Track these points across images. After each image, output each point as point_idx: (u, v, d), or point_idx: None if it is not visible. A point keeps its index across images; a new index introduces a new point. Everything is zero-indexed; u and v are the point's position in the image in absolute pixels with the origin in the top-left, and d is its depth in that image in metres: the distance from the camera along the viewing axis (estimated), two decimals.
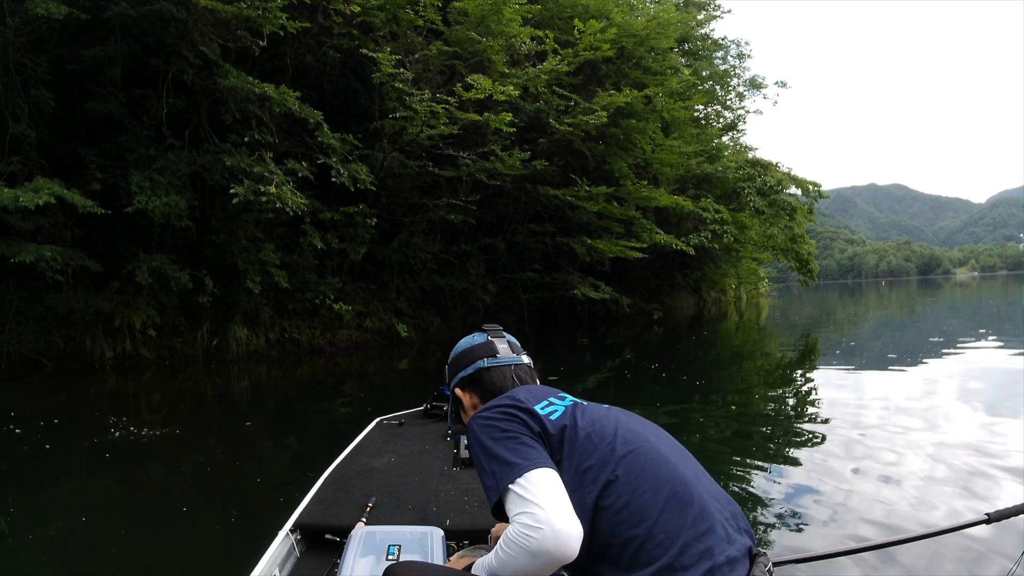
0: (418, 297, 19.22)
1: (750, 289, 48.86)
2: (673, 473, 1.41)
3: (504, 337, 1.82)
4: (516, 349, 1.81)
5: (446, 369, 1.87)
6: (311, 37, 15.38)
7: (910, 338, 16.60)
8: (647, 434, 1.52)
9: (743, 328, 23.71)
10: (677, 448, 1.54)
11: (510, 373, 1.74)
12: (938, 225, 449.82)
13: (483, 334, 1.83)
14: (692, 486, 1.40)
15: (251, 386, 12.06)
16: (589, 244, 20.21)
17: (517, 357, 1.78)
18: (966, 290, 53.84)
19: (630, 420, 1.56)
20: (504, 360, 1.76)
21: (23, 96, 12.75)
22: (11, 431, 7.61)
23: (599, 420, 1.52)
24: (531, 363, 1.81)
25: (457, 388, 1.80)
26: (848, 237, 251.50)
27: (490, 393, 1.71)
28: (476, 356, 1.77)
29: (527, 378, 1.76)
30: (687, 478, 1.41)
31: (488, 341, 1.80)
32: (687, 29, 27.67)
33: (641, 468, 1.40)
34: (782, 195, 27.88)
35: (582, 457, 1.44)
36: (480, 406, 1.67)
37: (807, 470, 5.14)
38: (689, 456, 1.55)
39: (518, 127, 17.81)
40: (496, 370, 1.74)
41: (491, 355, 1.76)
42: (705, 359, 14.10)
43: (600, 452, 1.43)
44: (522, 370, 1.77)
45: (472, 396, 1.76)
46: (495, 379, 1.73)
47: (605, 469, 1.40)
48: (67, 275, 12.93)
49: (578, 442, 1.46)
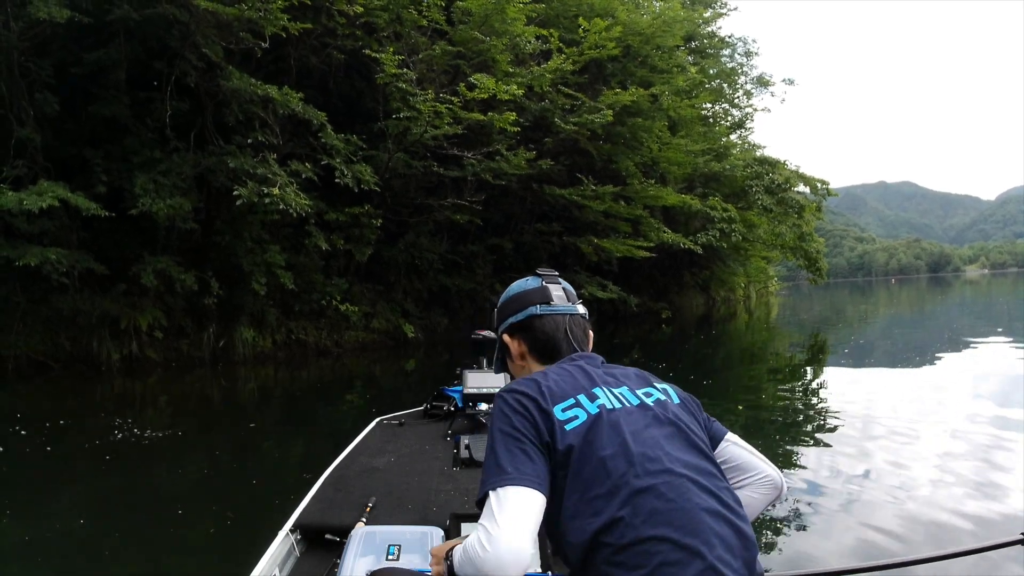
0: (425, 298, 19.19)
1: (759, 288, 48.75)
2: (688, 517, 1.27)
3: (560, 283, 1.68)
4: (572, 297, 1.67)
5: (494, 313, 1.74)
6: (315, 38, 15.36)
7: (921, 337, 16.48)
8: (674, 462, 1.34)
9: (752, 327, 23.63)
10: (705, 475, 1.36)
11: (563, 323, 1.62)
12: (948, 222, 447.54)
13: (537, 278, 1.69)
14: (704, 536, 1.25)
15: (257, 388, 12.07)
16: (596, 244, 20.13)
17: (572, 306, 1.65)
18: (976, 288, 53.60)
19: (666, 440, 1.39)
20: (558, 308, 1.63)
21: (27, 99, 12.78)
22: (16, 432, 7.62)
23: (622, 441, 1.35)
24: (586, 313, 1.69)
25: (505, 334, 1.67)
26: (858, 235, 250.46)
27: (540, 343, 1.60)
28: (528, 301, 1.64)
29: (579, 332, 1.63)
30: (699, 525, 1.26)
31: (542, 286, 1.66)
32: (693, 27, 27.55)
33: (651, 511, 1.26)
34: (790, 193, 27.77)
35: (590, 483, 1.32)
36: (527, 355, 1.62)
37: (816, 475, 5.07)
38: (718, 487, 1.35)
39: (523, 127, 17.75)
40: (549, 318, 1.61)
41: (545, 302, 1.63)
42: (714, 358, 14.02)
43: (612, 482, 1.30)
44: (575, 321, 1.63)
45: (521, 344, 1.64)
46: (547, 328, 1.61)
47: (611, 504, 1.28)
48: (73, 277, 12.95)
49: (589, 466, 1.33)
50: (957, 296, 39.70)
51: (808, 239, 30.68)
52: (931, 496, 4.42)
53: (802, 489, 4.76)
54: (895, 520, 4.04)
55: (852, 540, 3.82)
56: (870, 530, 3.92)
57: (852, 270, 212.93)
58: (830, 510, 4.29)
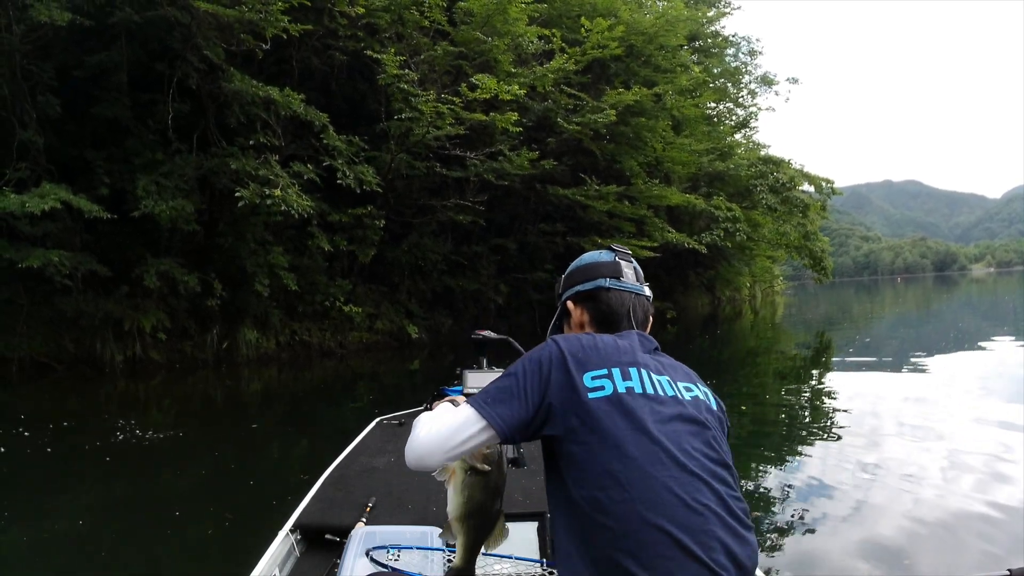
0: (429, 298, 19.16)
1: (765, 287, 48.62)
2: (692, 516, 1.27)
3: (632, 262, 1.69)
4: (640, 278, 1.68)
5: (560, 279, 1.75)
6: (317, 40, 15.36)
7: (926, 336, 16.41)
8: (690, 459, 1.34)
9: (758, 326, 23.58)
10: (718, 479, 1.35)
11: (629, 300, 1.62)
12: (953, 221, 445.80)
13: (611, 252, 1.69)
14: (705, 537, 1.26)
15: (261, 388, 12.07)
16: (600, 244, 20.01)
17: (640, 286, 1.66)
18: (982, 286, 53.42)
19: (688, 436, 1.38)
20: (627, 285, 1.63)
21: (30, 102, 12.80)
22: (19, 433, 7.63)
23: (642, 426, 1.34)
24: (651, 296, 1.70)
25: (570, 300, 1.68)
26: (863, 234, 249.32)
27: (603, 315, 1.61)
28: (599, 273, 1.64)
29: (641, 313, 1.63)
30: (703, 525, 1.27)
31: (615, 261, 1.67)
32: (697, 26, 27.47)
33: (656, 502, 1.27)
34: (795, 192, 27.67)
35: (600, 458, 1.32)
36: (587, 324, 1.63)
37: (821, 477, 5.07)
38: (728, 493, 1.35)
39: (526, 127, 17.70)
40: (616, 293, 1.62)
41: (615, 276, 1.64)
42: (718, 359, 13.98)
43: (623, 463, 1.31)
44: (640, 302, 1.64)
45: (584, 313, 1.64)
46: (612, 302, 1.61)
47: (617, 486, 1.29)
48: (76, 279, 12.98)
49: (602, 440, 1.33)
50: (963, 295, 39.58)
51: (813, 238, 30.56)
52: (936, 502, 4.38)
53: (808, 491, 4.75)
54: (899, 526, 4.02)
55: (857, 543, 3.80)
56: (874, 534, 3.91)
57: (858, 269, 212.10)
58: (835, 512, 4.29)
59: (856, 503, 4.40)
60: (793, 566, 3.57)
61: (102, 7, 12.53)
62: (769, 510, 4.46)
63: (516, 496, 3.00)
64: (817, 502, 4.49)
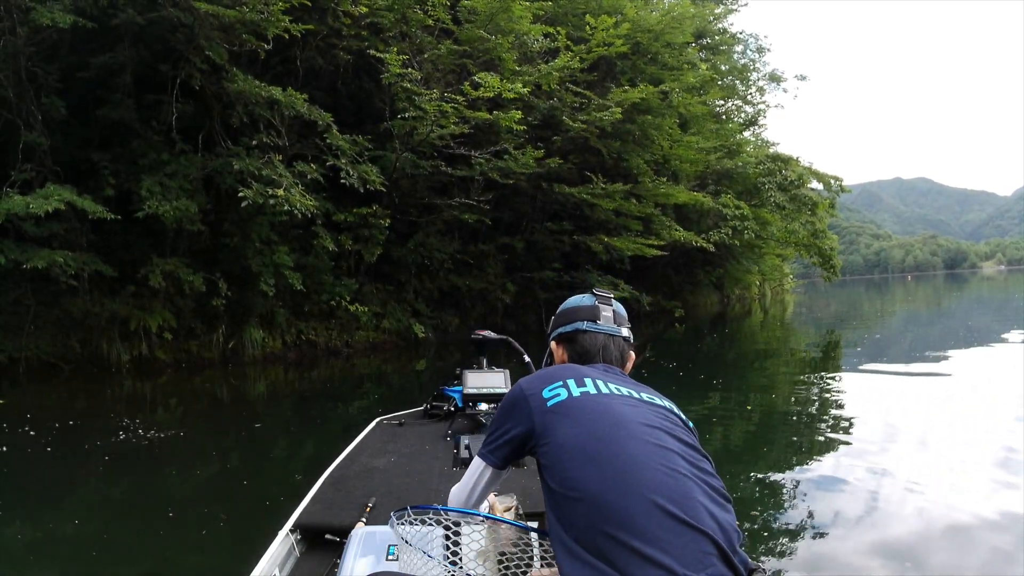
0: (436, 298, 19.13)
1: (775, 286, 48.42)
2: (677, 489, 1.37)
3: (611, 306, 1.84)
4: (620, 320, 1.83)
5: (552, 319, 1.92)
6: (321, 39, 15.35)
7: (937, 335, 16.31)
8: (662, 438, 1.47)
9: (767, 325, 23.48)
10: (690, 459, 1.47)
11: (602, 341, 1.78)
12: (964, 219, 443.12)
13: (592, 297, 1.86)
14: (695, 510, 1.34)
15: (267, 388, 12.08)
16: (606, 242, 19.98)
17: (616, 328, 1.81)
18: (993, 284, 53.14)
19: (653, 425, 1.51)
20: (603, 328, 1.79)
21: (35, 104, 12.86)
22: (25, 432, 7.65)
23: (603, 416, 1.50)
24: (629, 336, 1.84)
25: (553, 341, 1.87)
26: (874, 232, 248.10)
27: (578, 354, 1.78)
28: (578, 316, 1.82)
29: (615, 352, 1.78)
30: (687, 499, 1.36)
31: (594, 305, 1.83)
32: (704, 23, 27.35)
33: (632, 482, 1.38)
34: (803, 190, 27.54)
35: (568, 450, 1.46)
36: (567, 363, 1.78)
37: (829, 478, 5.04)
38: (705, 471, 1.46)
39: (532, 125, 17.64)
40: (592, 335, 1.78)
41: (592, 319, 1.80)
42: (726, 358, 13.91)
43: (589, 451, 1.44)
44: (615, 342, 1.79)
45: (564, 352, 1.82)
46: (587, 343, 1.78)
47: (587, 472, 1.41)
48: (83, 280, 13.04)
49: (566, 435, 1.49)
50: (974, 293, 39.37)
51: (821, 236, 30.42)
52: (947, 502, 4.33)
53: (818, 490, 4.72)
54: (910, 526, 3.98)
55: (866, 544, 3.76)
56: (885, 534, 3.86)
57: (868, 267, 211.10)
58: (845, 512, 4.25)
59: (866, 503, 4.36)
60: (802, 566, 3.53)
61: (105, 9, 12.56)
62: (779, 509, 4.43)
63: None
64: (827, 502, 4.47)
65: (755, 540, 3.89)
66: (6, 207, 11.12)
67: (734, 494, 4.63)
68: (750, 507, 4.44)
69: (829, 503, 4.42)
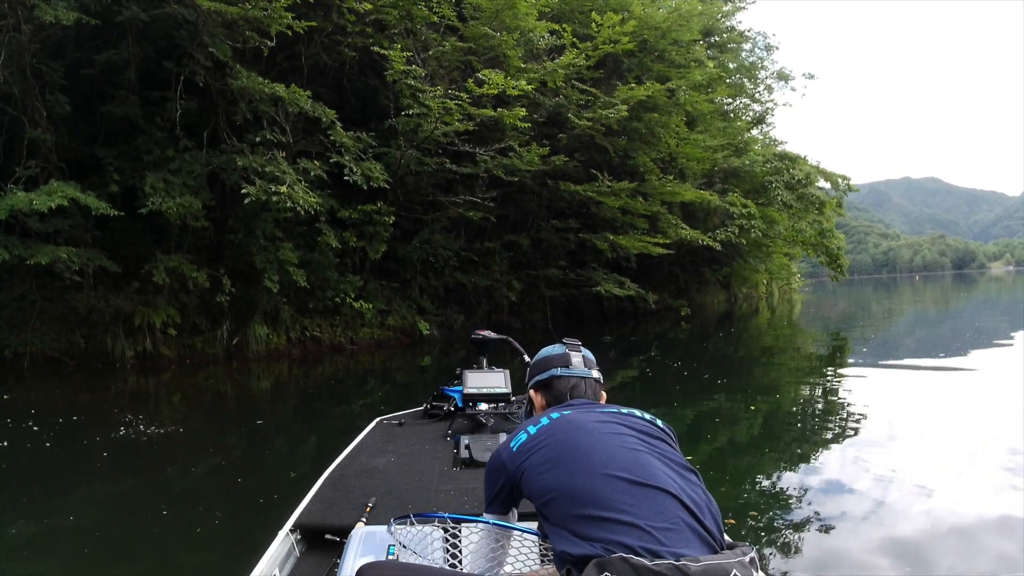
0: (441, 295, 19.12)
1: (782, 285, 48.28)
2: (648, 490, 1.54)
3: (580, 352, 2.03)
4: (589, 364, 2.02)
5: (528, 371, 2.12)
6: (326, 36, 15.35)
7: (944, 335, 16.21)
8: (636, 444, 1.66)
9: (774, 324, 23.41)
10: (669, 460, 1.66)
11: (574, 382, 1.96)
12: (973, 219, 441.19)
13: (563, 346, 2.04)
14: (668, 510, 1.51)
15: (271, 384, 12.07)
16: (612, 240, 19.93)
17: (587, 371, 1.99)
18: (1001, 285, 52.86)
19: (628, 434, 1.69)
20: (575, 372, 1.97)
21: (40, 100, 12.87)
22: (28, 427, 7.66)
23: (575, 427, 1.71)
24: (599, 378, 2.01)
25: (532, 389, 2.04)
26: (882, 231, 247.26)
27: (554, 398, 1.95)
28: (551, 364, 2.00)
29: (589, 392, 1.96)
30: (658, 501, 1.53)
31: (565, 353, 2.01)
32: (711, 21, 27.24)
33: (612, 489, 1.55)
34: (811, 189, 27.43)
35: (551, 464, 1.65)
36: (547, 407, 1.95)
37: (835, 479, 5.02)
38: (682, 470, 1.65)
39: (538, 122, 17.59)
40: (564, 379, 1.96)
41: (564, 365, 1.99)
42: (732, 357, 13.85)
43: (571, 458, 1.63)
44: (588, 383, 1.97)
45: (542, 399, 2.00)
46: (561, 386, 1.96)
47: (572, 475, 1.59)
48: (87, 276, 13.08)
49: (545, 450, 1.68)
50: (982, 293, 39.20)
51: (829, 235, 30.30)
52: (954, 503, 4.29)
53: (823, 490, 4.70)
54: (917, 526, 3.93)
55: (873, 543, 3.72)
56: (892, 534, 3.83)
57: (876, 267, 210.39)
58: (851, 512, 4.20)
59: (873, 503, 4.33)
60: (808, 566, 3.51)
61: (109, 6, 12.57)
62: (785, 509, 4.39)
63: None
64: (833, 501, 4.44)
65: (760, 539, 3.86)
66: (10, 203, 11.17)
67: (738, 494, 4.60)
68: (755, 506, 4.41)
69: (835, 503, 4.39)
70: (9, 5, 11.99)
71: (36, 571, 3.87)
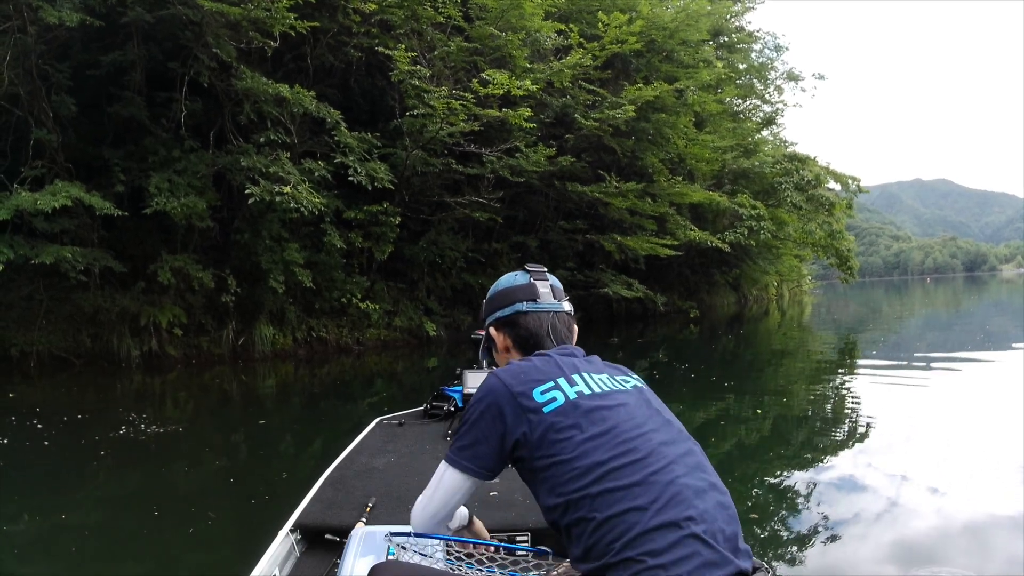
0: (449, 296, 19.08)
1: (792, 286, 48.13)
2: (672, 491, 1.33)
3: (547, 280, 1.73)
4: (558, 295, 1.72)
5: (483, 304, 1.80)
6: (331, 37, 15.35)
7: (956, 337, 16.05)
8: (661, 436, 1.44)
9: (784, 327, 23.27)
10: (689, 453, 1.47)
11: (548, 320, 1.67)
12: (984, 220, 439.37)
13: (526, 274, 1.73)
14: (690, 509, 1.31)
15: (277, 385, 12.05)
16: (620, 241, 19.85)
17: (558, 304, 1.70)
18: (1012, 287, 52.48)
19: (631, 421, 1.44)
20: (544, 306, 1.67)
21: (46, 101, 12.95)
22: (32, 426, 7.67)
23: (603, 420, 1.41)
24: (571, 311, 1.73)
25: (492, 327, 1.73)
26: (893, 233, 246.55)
27: (523, 338, 1.66)
28: (515, 298, 1.69)
29: (563, 329, 1.68)
30: (685, 499, 1.32)
31: (530, 283, 1.70)
32: (720, 21, 27.13)
33: (609, 500, 1.31)
34: (820, 190, 27.29)
35: (570, 458, 1.37)
36: (512, 348, 1.68)
37: (842, 481, 4.97)
38: (702, 463, 1.48)
39: (545, 123, 17.53)
40: (533, 315, 1.67)
41: (531, 299, 1.68)
42: (740, 359, 13.76)
43: (594, 457, 1.36)
44: (560, 318, 1.69)
45: (506, 338, 1.69)
46: (531, 324, 1.66)
47: (589, 476, 1.34)
48: (93, 275, 13.15)
49: (568, 443, 1.38)
50: (993, 295, 38.94)
51: (839, 237, 30.13)
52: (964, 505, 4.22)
53: (830, 494, 4.66)
54: (926, 529, 3.89)
55: (883, 547, 3.68)
56: (901, 537, 3.79)
57: (888, 269, 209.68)
58: (861, 514, 4.14)
59: (883, 506, 4.30)
60: (817, 569, 3.46)
61: (114, 7, 12.62)
62: (794, 511, 4.35)
63: (512, 514, 2.98)
64: (842, 504, 4.39)
65: (769, 542, 3.82)
66: (14, 203, 11.26)
67: (747, 496, 4.53)
68: (764, 509, 4.38)
69: (845, 505, 4.36)
70: (14, 7, 12.05)
71: (36, 571, 3.85)
